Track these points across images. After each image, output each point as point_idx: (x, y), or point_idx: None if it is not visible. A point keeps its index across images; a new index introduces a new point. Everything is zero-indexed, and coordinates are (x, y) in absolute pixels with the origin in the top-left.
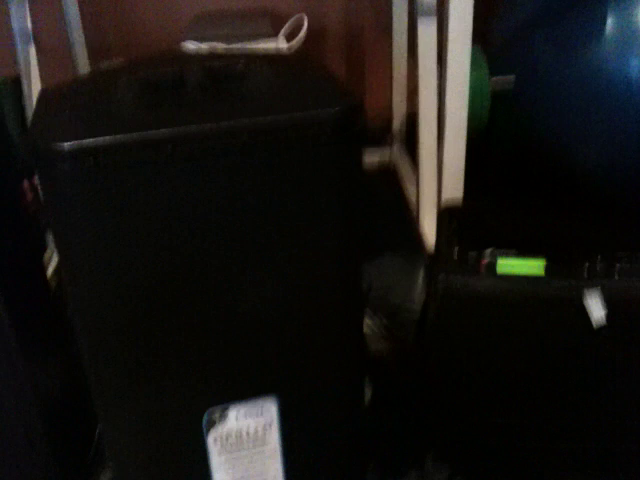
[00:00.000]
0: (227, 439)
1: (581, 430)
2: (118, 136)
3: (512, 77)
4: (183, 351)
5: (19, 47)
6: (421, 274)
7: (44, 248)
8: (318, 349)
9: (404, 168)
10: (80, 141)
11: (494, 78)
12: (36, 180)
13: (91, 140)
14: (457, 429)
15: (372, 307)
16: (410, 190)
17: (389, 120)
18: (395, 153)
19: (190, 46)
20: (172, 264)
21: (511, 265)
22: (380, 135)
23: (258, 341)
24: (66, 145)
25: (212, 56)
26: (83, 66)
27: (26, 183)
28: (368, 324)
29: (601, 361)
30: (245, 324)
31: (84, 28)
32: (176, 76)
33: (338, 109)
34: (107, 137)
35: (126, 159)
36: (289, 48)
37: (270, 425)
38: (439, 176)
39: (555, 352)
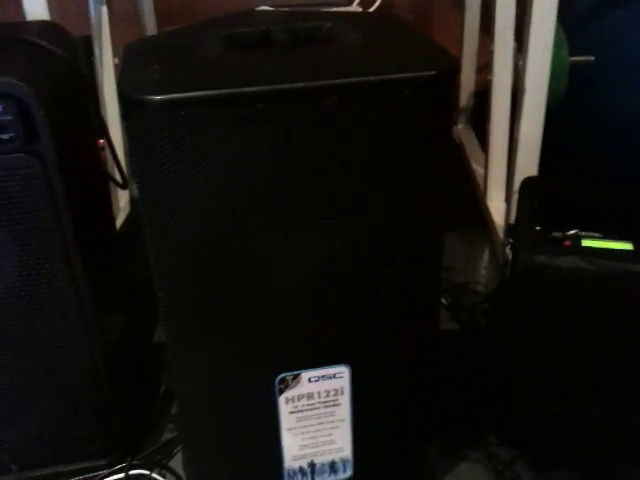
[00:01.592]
0: (299, 400)
1: None
2: (209, 91)
3: (592, 57)
4: (259, 309)
5: (92, 9)
6: (486, 254)
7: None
8: (394, 318)
9: (470, 146)
10: (172, 95)
11: (573, 57)
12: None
13: (182, 94)
14: (525, 411)
15: None
16: (476, 168)
17: (456, 98)
18: (461, 130)
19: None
20: (254, 217)
21: (597, 246)
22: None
23: (335, 304)
24: (157, 98)
25: (296, 16)
26: (151, 30)
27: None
28: None
29: None
30: (323, 285)
31: None
32: (262, 35)
33: (438, 70)
34: (198, 92)
35: (216, 114)
36: None
37: (342, 390)
38: (512, 154)
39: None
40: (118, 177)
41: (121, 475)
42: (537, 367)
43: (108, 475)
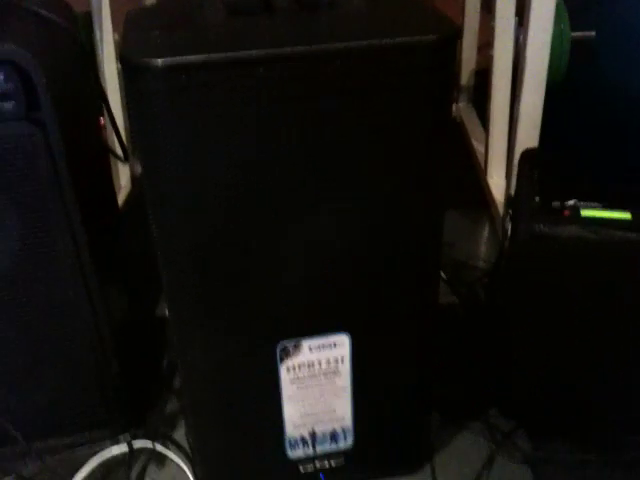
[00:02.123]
0: (299, 369)
1: None
2: (212, 55)
3: (593, 33)
4: (260, 279)
5: None
6: (486, 230)
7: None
8: (394, 288)
9: (471, 124)
10: (173, 58)
11: (574, 33)
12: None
13: (184, 57)
14: (525, 382)
15: None
16: (477, 146)
17: (457, 77)
18: (462, 108)
19: None
20: (254, 186)
21: (596, 216)
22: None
23: (335, 274)
24: (160, 61)
25: None
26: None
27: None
28: None
29: None
30: (324, 255)
31: None
32: (264, 1)
33: (439, 35)
34: (200, 55)
35: (218, 78)
36: None
37: (342, 359)
38: (512, 129)
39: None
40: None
41: (124, 445)
42: (537, 337)
43: (111, 445)
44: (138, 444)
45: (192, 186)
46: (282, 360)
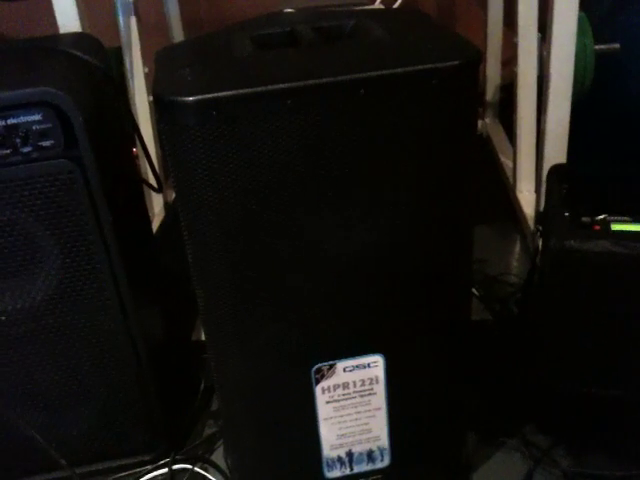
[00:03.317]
0: (335, 390)
1: None
2: (240, 90)
3: (617, 45)
4: (294, 301)
5: (122, 19)
6: (517, 245)
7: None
8: (426, 306)
9: (498, 139)
10: (204, 95)
11: (598, 46)
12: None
13: (214, 94)
14: (561, 398)
15: None
16: (504, 161)
17: (482, 92)
18: (488, 124)
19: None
20: (287, 210)
21: (626, 230)
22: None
23: (366, 294)
24: (191, 99)
25: (321, 15)
26: (178, 38)
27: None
28: None
29: None
30: (356, 275)
31: (180, 2)
32: (289, 34)
33: (461, 60)
34: (229, 91)
35: (247, 112)
36: None
37: (377, 379)
38: (540, 144)
39: None
40: (152, 182)
41: (165, 470)
42: (572, 352)
43: (153, 470)
44: (178, 466)
45: (226, 213)
46: (317, 382)
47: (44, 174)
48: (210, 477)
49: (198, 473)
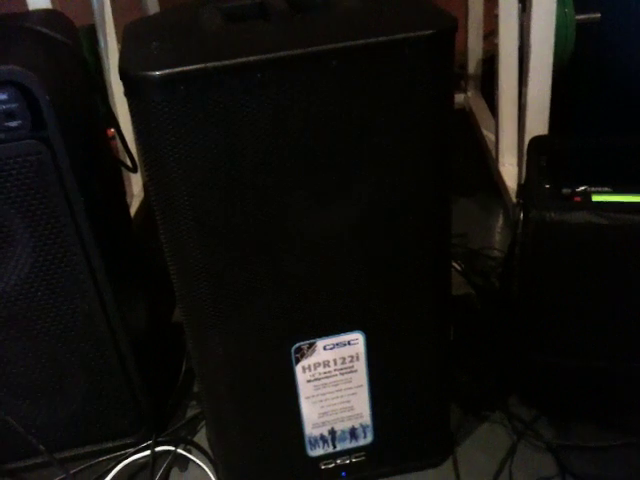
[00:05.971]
0: (315, 368)
1: None
2: (209, 64)
3: (598, 14)
4: (271, 280)
5: None
6: (500, 219)
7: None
8: (406, 282)
9: (480, 113)
10: (171, 69)
11: (579, 15)
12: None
13: (181, 68)
14: (544, 370)
15: None
16: (487, 135)
17: (463, 66)
18: (470, 98)
19: None
20: (260, 188)
21: (607, 200)
22: (455, 80)
23: (345, 271)
24: (157, 74)
25: None
26: None
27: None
28: None
29: None
30: (334, 252)
31: None
32: (260, 7)
33: (436, 29)
34: (198, 65)
35: (216, 86)
36: None
37: (358, 356)
38: (521, 115)
39: None
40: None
41: (148, 452)
42: (554, 324)
43: (135, 453)
44: (161, 448)
45: (198, 192)
46: (297, 360)
47: (12, 155)
48: (193, 458)
49: (181, 455)
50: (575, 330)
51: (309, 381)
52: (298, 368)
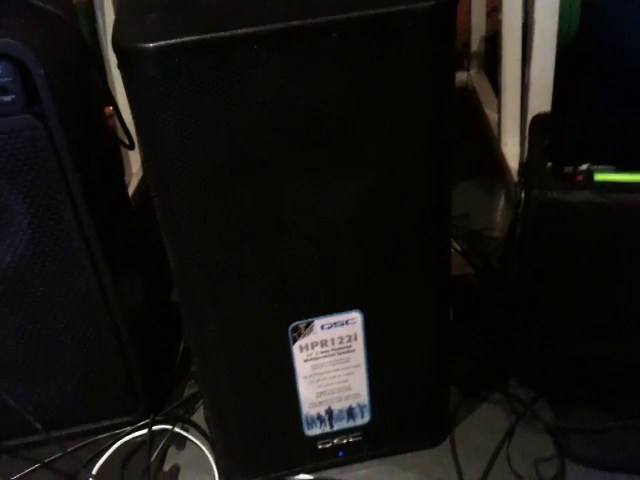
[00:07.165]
0: (313, 348)
1: None
2: (205, 35)
3: None
4: (268, 259)
5: None
6: (502, 200)
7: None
8: (404, 261)
9: (483, 92)
10: (165, 41)
11: None
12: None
13: (177, 40)
14: (544, 352)
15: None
16: (489, 114)
17: (466, 44)
18: (473, 76)
19: None
20: (257, 164)
21: (609, 179)
22: (457, 59)
23: (343, 250)
24: (151, 46)
25: None
26: None
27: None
28: None
29: None
30: (332, 231)
31: None
32: None
33: (437, 1)
34: (193, 37)
35: (212, 59)
36: None
37: (355, 336)
38: (524, 94)
39: None
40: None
41: (145, 431)
42: (554, 305)
43: (133, 431)
44: (158, 427)
45: (192, 169)
46: (295, 340)
47: (6, 130)
48: (190, 437)
49: (178, 434)
50: (575, 312)
51: (306, 360)
52: (295, 348)
